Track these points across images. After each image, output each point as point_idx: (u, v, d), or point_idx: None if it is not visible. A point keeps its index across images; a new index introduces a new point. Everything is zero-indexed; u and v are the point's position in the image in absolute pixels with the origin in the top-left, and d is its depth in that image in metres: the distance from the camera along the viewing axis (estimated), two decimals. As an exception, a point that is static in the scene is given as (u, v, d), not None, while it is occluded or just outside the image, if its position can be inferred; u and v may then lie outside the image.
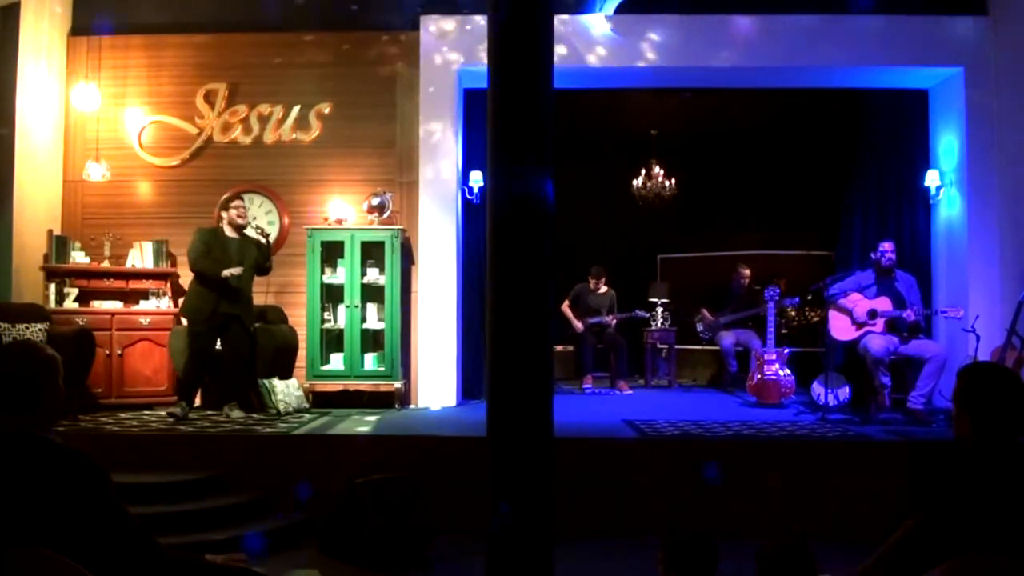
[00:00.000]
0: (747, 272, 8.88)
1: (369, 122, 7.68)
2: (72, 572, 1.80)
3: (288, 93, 7.66)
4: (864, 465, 5.36)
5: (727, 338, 8.51)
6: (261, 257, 6.54)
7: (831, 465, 5.38)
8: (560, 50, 7.07)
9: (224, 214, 6.57)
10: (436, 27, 7.52)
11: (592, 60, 7.45)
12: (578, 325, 8.71)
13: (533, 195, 2.96)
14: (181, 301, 6.80)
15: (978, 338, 6.29)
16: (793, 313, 8.58)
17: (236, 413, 6.45)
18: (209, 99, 7.66)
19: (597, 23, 7.45)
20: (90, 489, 1.98)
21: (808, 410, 6.94)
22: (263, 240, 6.58)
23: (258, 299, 7.35)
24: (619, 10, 7.45)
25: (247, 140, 7.67)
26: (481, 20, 7.23)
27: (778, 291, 7.49)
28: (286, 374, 6.97)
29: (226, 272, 6.25)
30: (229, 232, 6.47)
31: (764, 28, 7.41)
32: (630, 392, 8.49)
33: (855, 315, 6.73)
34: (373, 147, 7.70)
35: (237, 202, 6.57)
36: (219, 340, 6.46)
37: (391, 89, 7.69)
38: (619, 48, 7.45)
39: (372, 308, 7.30)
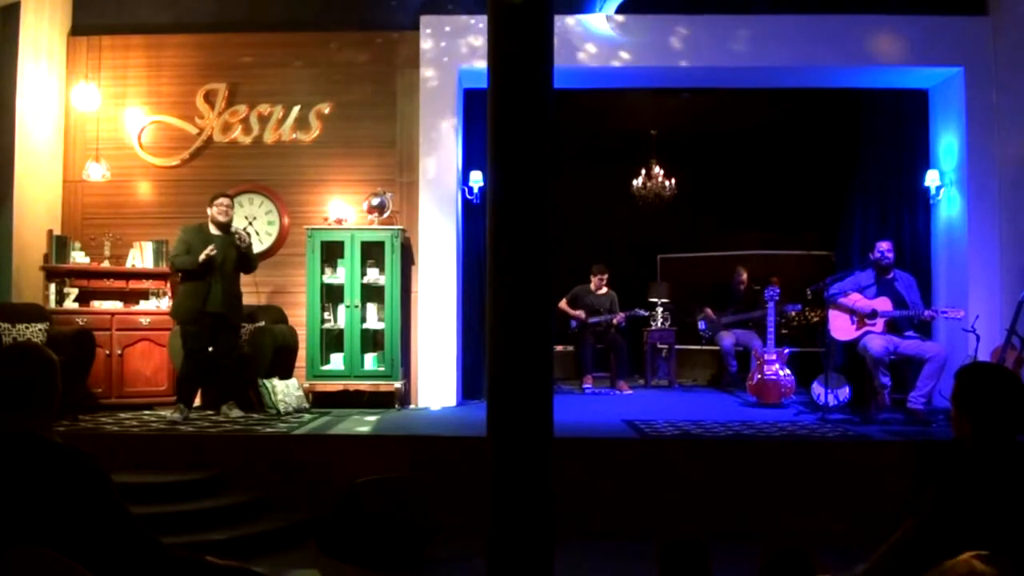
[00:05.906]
0: (745, 273, 8.89)
1: (369, 122, 7.68)
2: (73, 572, 1.80)
3: (288, 93, 7.66)
4: (864, 465, 5.35)
5: (727, 338, 8.51)
6: (239, 258, 6.44)
7: (831, 465, 5.38)
8: (560, 50, 7.06)
9: (208, 211, 6.46)
10: (436, 27, 7.52)
11: (593, 60, 7.45)
12: (578, 315, 8.68)
13: (533, 194, 2.96)
14: (171, 304, 6.82)
15: (978, 338, 6.29)
16: (793, 314, 8.58)
17: (235, 412, 6.45)
18: (209, 99, 7.66)
19: (598, 23, 7.45)
20: (90, 487, 1.98)
21: (808, 410, 6.94)
22: (240, 244, 6.42)
23: (257, 299, 7.38)
24: (620, 10, 7.45)
25: (247, 140, 7.67)
26: (481, 20, 7.23)
27: (778, 291, 7.49)
28: (286, 374, 6.97)
29: (202, 255, 6.17)
30: (213, 229, 6.42)
31: (764, 28, 7.41)
32: (630, 392, 8.48)
33: (855, 312, 6.72)
34: (373, 147, 7.70)
35: (221, 199, 6.46)
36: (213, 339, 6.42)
37: (391, 89, 7.69)
38: (620, 48, 7.45)
39: (372, 308, 7.29)
